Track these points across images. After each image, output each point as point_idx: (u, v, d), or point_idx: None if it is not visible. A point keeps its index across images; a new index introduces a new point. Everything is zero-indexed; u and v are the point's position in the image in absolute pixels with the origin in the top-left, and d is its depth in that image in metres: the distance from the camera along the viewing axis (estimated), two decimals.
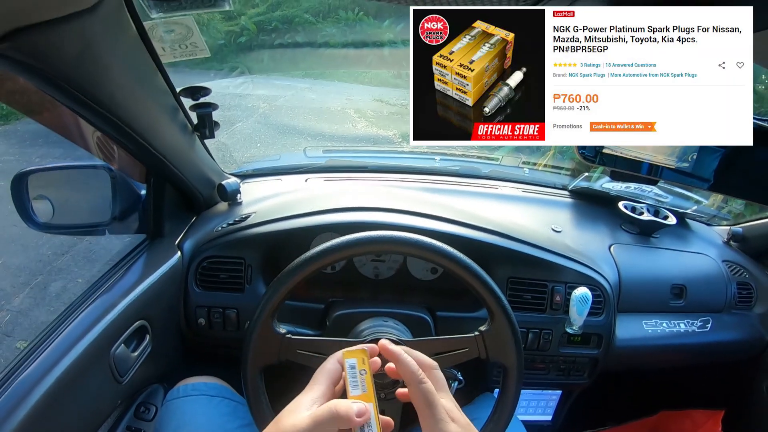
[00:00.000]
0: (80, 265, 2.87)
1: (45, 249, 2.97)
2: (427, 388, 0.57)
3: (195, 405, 0.96)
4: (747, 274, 1.34)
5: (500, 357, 0.79)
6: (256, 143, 4.45)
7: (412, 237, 0.78)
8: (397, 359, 0.60)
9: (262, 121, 5.02)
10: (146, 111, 0.86)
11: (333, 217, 1.08)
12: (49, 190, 1.05)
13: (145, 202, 1.10)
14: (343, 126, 4.95)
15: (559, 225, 1.28)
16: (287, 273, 0.78)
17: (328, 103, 5.63)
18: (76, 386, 0.79)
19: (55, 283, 2.71)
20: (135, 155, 0.95)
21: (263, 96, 5.64)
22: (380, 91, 5.89)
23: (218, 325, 1.09)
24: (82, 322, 0.85)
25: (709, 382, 1.50)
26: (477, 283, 0.79)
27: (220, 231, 1.10)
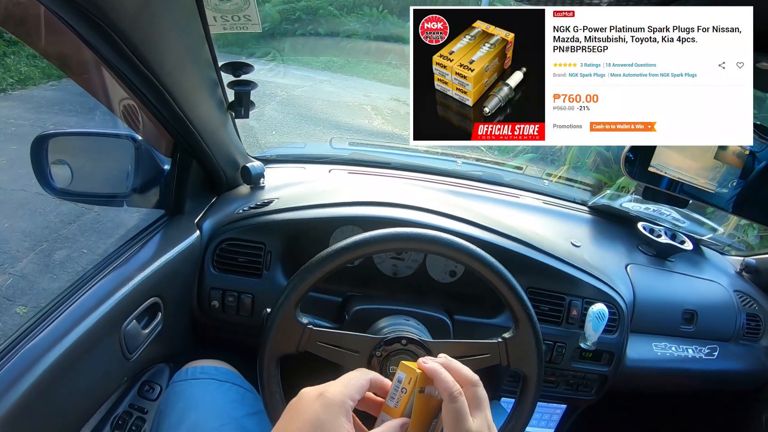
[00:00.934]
0: (86, 235, 2.85)
1: (52, 216, 2.95)
2: (457, 408, 0.54)
3: (203, 388, 0.94)
4: (757, 306, 1.33)
5: (521, 366, 0.79)
6: (272, 130, 4.45)
7: (446, 237, 0.77)
8: (433, 376, 0.56)
9: (279, 109, 5.02)
10: (188, 81, 0.85)
11: (357, 210, 1.07)
12: (70, 155, 1.03)
13: (167, 177, 1.09)
14: (359, 121, 4.95)
15: (578, 240, 1.27)
16: (317, 262, 0.77)
17: (346, 98, 5.62)
18: (84, 360, 0.78)
19: (60, 252, 2.70)
20: (166, 126, 0.93)
21: (281, 84, 5.63)
22: (398, 91, 5.89)
23: (232, 309, 1.07)
24: (96, 293, 0.84)
25: (710, 410, 1.50)
26: (505, 288, 0.78)
27: (242, 213, 1.09)
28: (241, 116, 1.05)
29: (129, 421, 0.97)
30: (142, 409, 0.99)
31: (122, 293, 0.86)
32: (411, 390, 0.56)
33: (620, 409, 1.57)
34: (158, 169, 1.10)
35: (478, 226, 1.08)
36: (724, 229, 1.58)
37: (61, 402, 0.76)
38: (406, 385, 0.57)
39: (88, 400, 0.84)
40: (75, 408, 0.81)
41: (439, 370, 0.56)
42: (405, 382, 0.57)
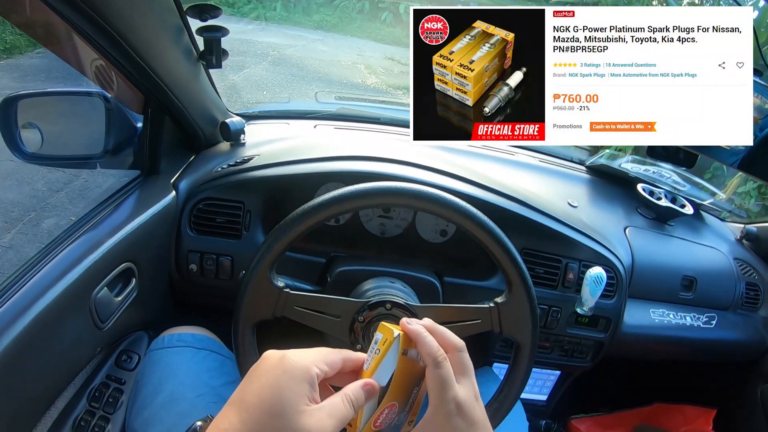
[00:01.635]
0: (75, 202, 2.79)
1: (40, 185, 2.89)
2: (442, 374, 0.50)
3: (180, 357, 0.90)
4: (756, 275, 1.30)
5: (514, 332, 0.74)
6: (263, 90, 4.38)
7: (434, 192, 0.71)
8: (416, 339, 0.52)
9: (271, 69, 4.95)
10: (148, 28, 0.78)
11: (342, 165, 1.01)
12: (40, 118, 0.97)
13: (141, 136, 1.03)
14: (353, 80, 4.92)
15: (575, 200, 1.22)
16: (292, 220, 0.71)
17: (339, 57, 5.59)
18: (51, 331, 0.73)
19: (48, 220, 2.65)
20: (131, 79, 0.87)
21: (273, 44, 5.58)
22: (392, 50, 5.86)
23: (210, 272, 1.02)
24: (62, 261, 0.78)
25: (705, 380, 1.48)
26: (497, 249, 0.72)
27: (220, 172, 1.03)
28: (212, 65, 0.97)
29: (106, 392, 0.92)
30: (120, 379, 0.94)
31: (91, 260, 0.80)
32: (384, 351, 0.52)
33: (614, 377, 1.55)
34: (131, 128, 1.04)
35: (469, 182, 1.03)
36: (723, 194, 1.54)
37: (29, 376, 0.71)
38: (380, 347, 0.52)
39: (59, 373, 0.80)
40: (44, 382, 0.76)
41: (423, 333, 0.52)
42: (380, 343, 0.52)
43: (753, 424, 1.32)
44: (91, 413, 0.89)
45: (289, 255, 0.99)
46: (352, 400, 0.48)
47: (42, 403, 0.79)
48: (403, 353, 0.52)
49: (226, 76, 4.09)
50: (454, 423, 0.49)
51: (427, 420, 0.51)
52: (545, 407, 1.34)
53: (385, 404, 0.52)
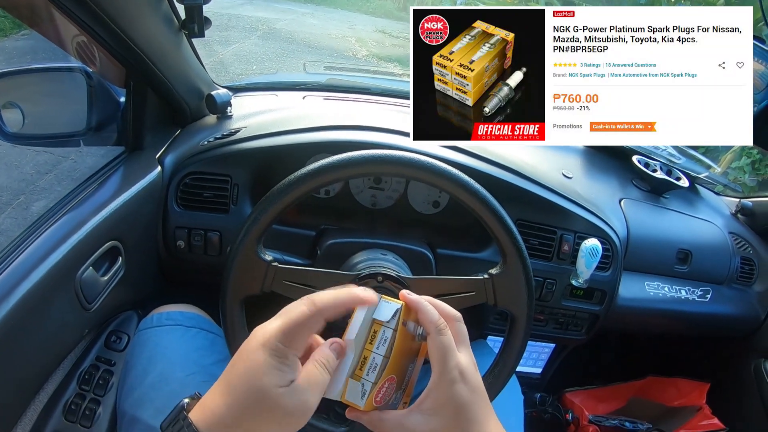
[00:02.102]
0: (64, 184, 2.76)
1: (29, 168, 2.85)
2: (444, 341, 0.51)
3: (169, 336, 0.88)
4: (751, 250, 1.30)
5: (509, 305, 0.72)
6: (252, 64, 4.35)
7: (427, 160, 0.69)
8: (417, 308, 0.53)
9: (260, 44, 4.93)
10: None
11: (331, 135, 0.98)
12: (20, 97, 0.94)
13: (124, 110, 1.00)
14: (344, 53, 4.90)
15: (570, 171, 1.20)
16: (278, 191, 0.68)
17: (330, 30, 5.56)
18: (36, 314, 0.71)
19: (38, 203, 2.62)
20: (110, 51, 0.83)
21: (263, 18, 5.52)
22: (384, 23, 5.84)
23: (199, 248, 1.00)
24: (45, 242, 0.75)
25: (699, 354, 1.49)
26: (492, 219, 0.70)
27: (206, 145, 1.00)
28: (195, 34, 0.94)
29: (96, 374, 0.90)
30: (110, 361, 0.93)
31: (75, 239, 0.77)
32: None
33: (608, 351, 1.56)
34: (114, 103, 1.02)
35: (463, 151, 1.00)
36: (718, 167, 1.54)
37: (15, 361, 0.70)
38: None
39: (46, 357, 0.78)
40: (31, 366, 0.75)
41: (423, 302, 0.53)
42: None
43: (746, 398, 1.33)
44: (82, 396, 0.88)
45: (278, 228, 0.97)
46: (324, 363, 0.48)
47: (30, 388, 0.78)
48: (403, 324, 0.52)
49: (215, 50, 4.04)
50: (458, 389, 0.50)
51: (432, 388, 0.51)
52: (540, 380, 1.34)
53: (386, 377, 0.51)
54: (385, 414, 0.52)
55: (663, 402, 1.39)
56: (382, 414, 0.52)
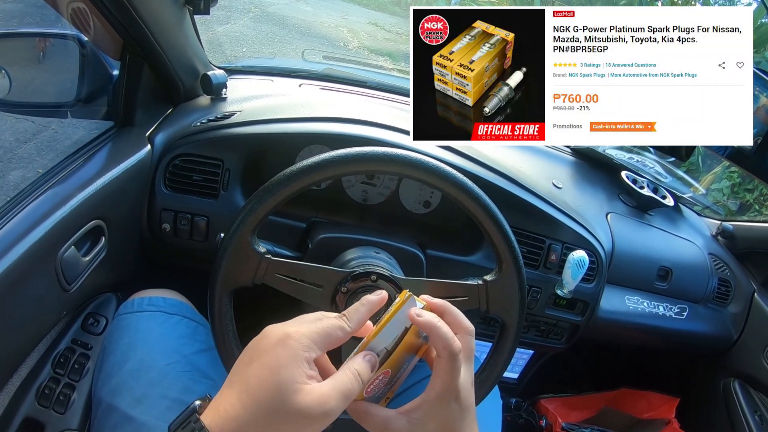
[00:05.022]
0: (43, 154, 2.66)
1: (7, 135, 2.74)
2: (454, 367, 0.49)
3: (150, 322, 0.85)
4: (729, 272, 1.33)
5: (501, 312, 0.71)
6: (242, 46, 4.29)
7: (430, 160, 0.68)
8: (431, 332, 0.50)
9: (251, 26, 4.87)
10: None
11: (327, 126, 0.97)
12: (8, 62, 0.91)
13: (116, 84, 0.96)
14: (335, 42, 4.86)
15: (560, 181, 1.20)
16: (279, 181, 0.67)
17: (322, 18, 5.54)
18: (13, 293, 0.68)
19: (15, 172, 2.52)
20: (110, 20, 0.81)
21: (255, 0, 5.38)
22: (377, 15, 5.85)
23: (184, 232, 0.97)
24: (26, 218, 0.72)
25: (671, 369, 1.52)
26: (492, 226, 0.69)
27: (199, 126, 0.98)
28: (200, 11, 0.92)
29: (71, 358, 0.86)
30: (86, 344, 0.88)
31: (58, 216, 0.74)
32: (395, 311, 0.51)
33: (584, 358, 1.58)
34: (106, 75, 0.99)
35: (457, 153, 1.00)
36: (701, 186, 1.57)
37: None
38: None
39: (22, 339, 0.75)
40: (5, 348, 0.72)
41: (437, 325, 0.50)
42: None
43: (714, 415, 1.36)
44: (56, 380, 0.83)
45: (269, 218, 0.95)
46: (358, 373, 0.47)
47: (3, 371, 0.75)
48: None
49: (210, 27, 3.96)
50: (451, 407, 0.50)
51: (426, 400, 0.50)
52: (516, 385, 1.35)
53: (382, 370, 0.50)
54: (371, 408, 0.51)
55: (634, 414, 1.42)
56: (369, 407, 0.51)
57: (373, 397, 0.52)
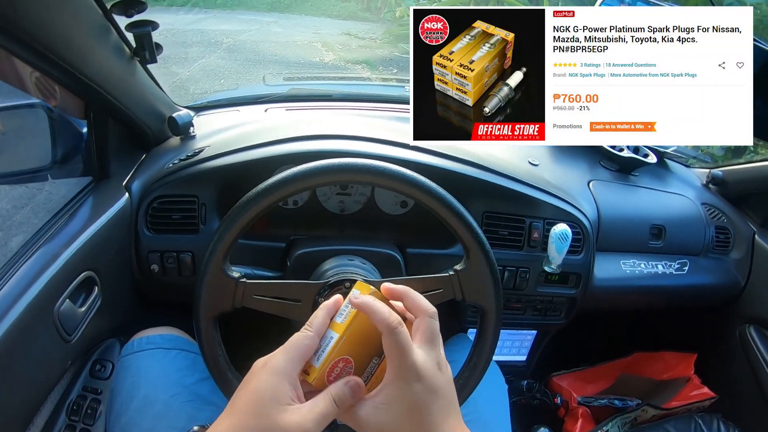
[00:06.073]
0: (41, 216, 2.70)
1: (4, 203, 2.80)
2: (398, 341, 0.49)
3: (150, 359, 0.90)
4: (725, 219, 1.31)
5: (477, 298, 0.73)
6: (220, 78, 4.34)
7: (378, 164, 0.70)
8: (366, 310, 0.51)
9: (226, 57, 4.93)
10: (67, 29, 0.74)
11: (294, 147, 0.99)
12: None
13: (87, 141, 1.00)
14: (311, 59, 4.90)
15: (536, 158, 1.21)
16: (238, 209, 0.69)
17: (295, 37, 5.58)
18: (17, 351, 0.71)
19: (16, 238, 2.57)
20: (65, 86, 0.84)
21: (227, 31, 5.54)
22: (348, 25, 5.88)
23: (173, 270, 1.00)
24: (21, 279, 0.76)
25: (683, 326, 1.50)
26: (451, 217, 0.71)
27: (171, 167, 1.01)
28: (147, 61, 0.95)
29: (84, 404, 0.92)
30: (96, 390, 0.94)
31: (49, 273, 0.78)
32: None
33: (592, 331, 1.57)
34: (77, 135, 1.01)
35: (424, 151, 1.01)
36: None
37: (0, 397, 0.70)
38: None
39: (32, 392, 0.79)
40: (17, 402, 0.75)
41: (370, 302, 0.51)
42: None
43: (733, 364, 1.35)
44: (72, 427, 0.89)
45: (248, 243, 0.98)
46: (334, 396, 0.49)
47: (18, 424, 0.78)
48: None
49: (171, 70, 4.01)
50: (414, 389, 0.49)
51: (386, 383, 0.50)
52: (525, 367, 1.35)
53: (338, 356, 0.51)
54: (336, 395, 0.50)
55: (652, 376, 1.41)
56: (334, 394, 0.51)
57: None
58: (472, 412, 0.84)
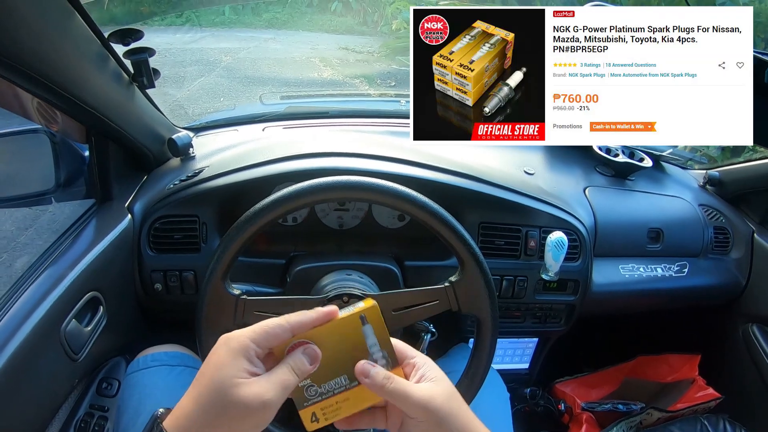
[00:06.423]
0: (44, 237, 2.73)
1: (8, 225, 2.84)
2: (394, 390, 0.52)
3: (155, 377, 0.91)
4: (723, 219, 1.32)
5: (473, 309, 0.74)
6: (219, 97, 4.33)
7: (371, 181, 0.71)
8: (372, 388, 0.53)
9: (225, 75, 4.91)
10: (66, 59, 0.76)
11: (292, 165, 1.00)
12: None
13: (89, 164, 1.02)
14: (309, 75, 4.89)
15: (531, 167, 1.22)
16: (237, 227, 0.71)
17: (293, 53, 5.57)
18: (26, 371, 0.73)
19: (21, 259, 2.59)
20: (66, 112, 0.87)
21: (225, 49, 5.53)
22: (346, 39, 5.87)
23: (176, 289, 1.02)
24: (28, 300, 0.78)
25: (685, 328, 1.50)
26: (444, 229, 0.72)
27: (172, 188, 1.03)
28: (145, 86, 0.97)
29: (91, 422, 0.93)
30: (103, 407, 0.95)
31: (55, 295, 0.80)
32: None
33: (594, 337, 1.57)
34: (79, 158, 1.04)
35: (419, 165, 1.02)
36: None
37: (9, 419, 0.72)
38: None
39: (40, 411, 0.80)
40: (26, 420, 0.77)
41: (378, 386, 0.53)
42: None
43: (738, 364, 1.35)
44: None
45: (248, 261, 0.99)
46: (292, 365, 0.50)
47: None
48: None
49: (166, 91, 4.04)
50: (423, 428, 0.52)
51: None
52: (528, 375, 1.35)
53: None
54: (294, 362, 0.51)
55: (656, 379, 1.41)
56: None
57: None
58: None
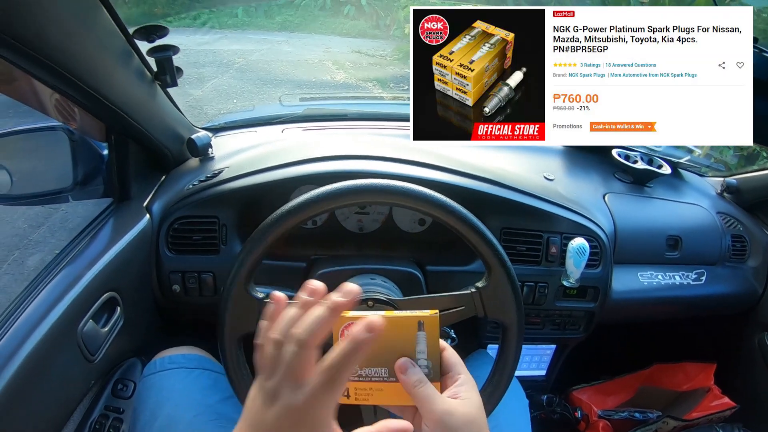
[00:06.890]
0: (57, 235, 2.76)
1: (20, 222, 2.85)
2: (423, 394, 0.52)
3: (173, 379, 0.90)
4: (741, 227, 1.31)
5: (499, 315, 0.73)
6: (233, 98, 4.34)
7: (398, 185, 0.70)
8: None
9: (238, 76, 4.93)
10: (90, 55, 0.75)
11: (313, 167, 1.00)
12: (5, 158, 0.97)
13: (108, 163, 1.02)
14: (322, 78, 4.90)
15: (551, 173, 1.21)
16: (261, 231, 0.70)
17: (306, 56, 5.58)
18: (42, 371, 0.73)
19: (33, 257, 2.61)
20: (88, 109, 0.86)
21: (238, 51, 5.56)
22: (359, 42, 5.88)
23: (194, 290, 1.02)
24: (44, 300, 0.77)
25: (702, 336, 1.49)
26: (473, 235, 0.71)
27: (191, 189, 1.02)
28: (168, 85, 0.97)
29: (106, 423, 0.92)
30: (118, 409, 0.94)
31: (72, 295, 0.79)
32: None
33: (611, 344, 1.56)
34: (98, 157, 1.03)
35: (442, 169, 1.02)
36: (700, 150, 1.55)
37: (25, 419, 0.71)
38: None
39: (55, 411, 0.79)
40: (41, 422, 0.76)
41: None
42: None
43: (753, 373, 1.33)
44: None
45: (270, 263, 0.99)
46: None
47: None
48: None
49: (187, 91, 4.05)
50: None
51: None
52: (545, 382, 1.34)
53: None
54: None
55: (672, 388, 1.40)
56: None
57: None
58: (493, 428, 0.83)
